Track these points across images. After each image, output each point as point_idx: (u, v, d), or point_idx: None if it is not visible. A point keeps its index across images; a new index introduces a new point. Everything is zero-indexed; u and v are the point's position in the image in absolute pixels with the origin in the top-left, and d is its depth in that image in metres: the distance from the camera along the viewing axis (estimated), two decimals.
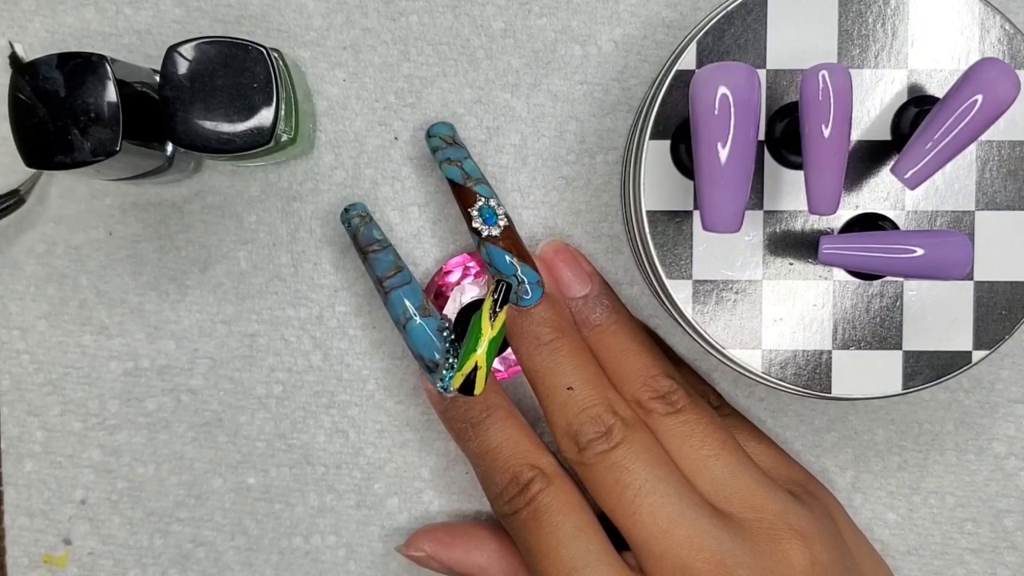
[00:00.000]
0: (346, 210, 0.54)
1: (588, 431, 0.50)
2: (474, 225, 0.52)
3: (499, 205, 0.53)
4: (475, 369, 0.50)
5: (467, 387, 0.50)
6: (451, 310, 0.55)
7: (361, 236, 0.54)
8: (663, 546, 0.48)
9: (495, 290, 0.51)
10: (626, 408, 0.51)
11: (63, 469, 0.58)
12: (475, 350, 0.50)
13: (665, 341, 0.58)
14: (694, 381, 0.57)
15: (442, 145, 0.54)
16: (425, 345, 0.52)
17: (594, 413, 0.50)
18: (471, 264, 0.56)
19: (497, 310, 0.51)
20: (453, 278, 0.55)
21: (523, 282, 0.52)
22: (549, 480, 0.51)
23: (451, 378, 0.51)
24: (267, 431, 0.57)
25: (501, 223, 0.53)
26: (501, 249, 0.52)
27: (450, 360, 0.52)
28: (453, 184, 0.53)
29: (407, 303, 0.52)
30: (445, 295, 0.55)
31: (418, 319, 0.52)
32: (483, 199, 0.53)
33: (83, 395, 0.57)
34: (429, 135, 0.55)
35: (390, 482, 0.58)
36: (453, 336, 0.52)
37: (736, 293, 0.48)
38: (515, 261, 0.52)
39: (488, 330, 0.50)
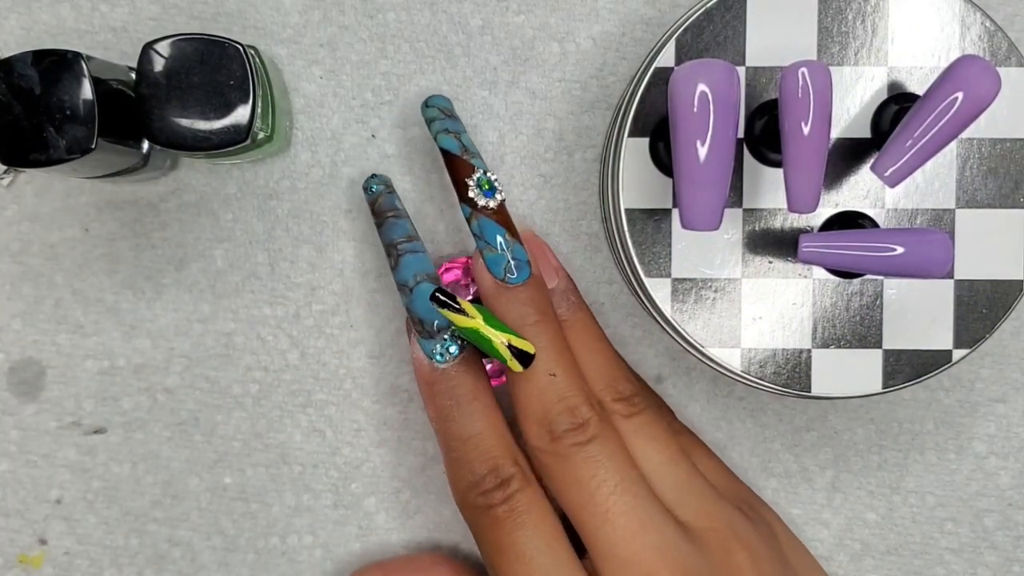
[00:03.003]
0: (371, 176, 0.54)
1: (564, 421, 0.48)
2: (470, 195, 0.50)
3: (497, 180, 0.51)
4: (508, 346, 0.47)
5: (523, 358, 0.48)
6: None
7: (382, 201, 0.52)
8: (631, 550, 0.47)
9: (441, 303, 0.47)
10: (598, 405, 0.50)
11: (38, 468, 0.57)
12: (491, 340, 0.47)
13: (618, 352, 0.57)
14: (648, 394, 0.56)
15: (439, 116, 0.53)
16: (430, 309, 0.49)
17: (572, 403, 0.48)
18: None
19: (457, 306, 0.47)
20: (452, 276, 0.55)
21: (515, 259, 0.50)
22: (528, 481, 0.49)
23: (448, 349, 0.49)
24: (244, 430, 0.57)
25: (499, 196, 0.51)
26: (496, 223, 0.50)
27: (452, 337, 0.50)
28: (448, 155, 0.51)
29: (418, 268, 0.50)
30: None
31: (427, 283, 0.50)
32: (480, 171, 0.51)
33: (58, 394, 0.57)
34: (427, 105, 0.54)
35: (367, 481, 0.58)
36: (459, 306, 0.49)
37: (715, 292, 0.48)
38: (508, 236, 0.50)
39: (474, 321, 0.47)
